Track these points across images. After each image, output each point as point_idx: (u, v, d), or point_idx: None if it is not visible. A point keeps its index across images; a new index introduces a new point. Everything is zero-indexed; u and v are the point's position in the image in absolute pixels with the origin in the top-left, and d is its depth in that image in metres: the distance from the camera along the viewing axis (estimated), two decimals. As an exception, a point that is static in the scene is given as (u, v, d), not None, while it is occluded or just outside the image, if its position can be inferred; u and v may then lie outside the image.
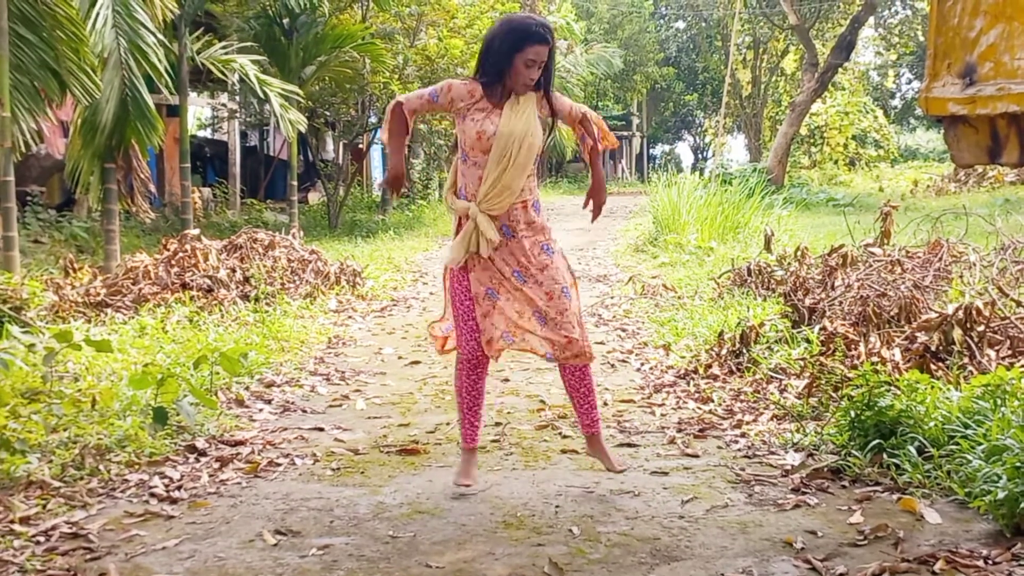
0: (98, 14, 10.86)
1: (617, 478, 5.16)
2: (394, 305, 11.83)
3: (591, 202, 5.12)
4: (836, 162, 40.72)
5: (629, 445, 5.86)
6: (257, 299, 10.55)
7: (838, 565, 3.94)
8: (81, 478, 5.08)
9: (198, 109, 29.31)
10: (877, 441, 5.17)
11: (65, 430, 5.64)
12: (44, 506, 4.67)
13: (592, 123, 5.06)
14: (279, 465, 5.49)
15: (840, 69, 34.64)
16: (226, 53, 15.78)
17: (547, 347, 4.77)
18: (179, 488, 5.02)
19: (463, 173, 4.84)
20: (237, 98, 22.95)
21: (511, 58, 4.68)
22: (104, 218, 12.33)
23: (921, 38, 38.13)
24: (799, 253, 9.85)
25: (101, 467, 5.21)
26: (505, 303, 4.80)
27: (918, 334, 6.51)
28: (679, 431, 6.12)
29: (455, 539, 4.32)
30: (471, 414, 5.05)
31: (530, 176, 4.83)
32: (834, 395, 6.19)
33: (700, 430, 6.12)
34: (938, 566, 3.84)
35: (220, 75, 16.44)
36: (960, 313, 6.36)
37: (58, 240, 15.01)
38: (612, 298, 12.00)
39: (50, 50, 8.91)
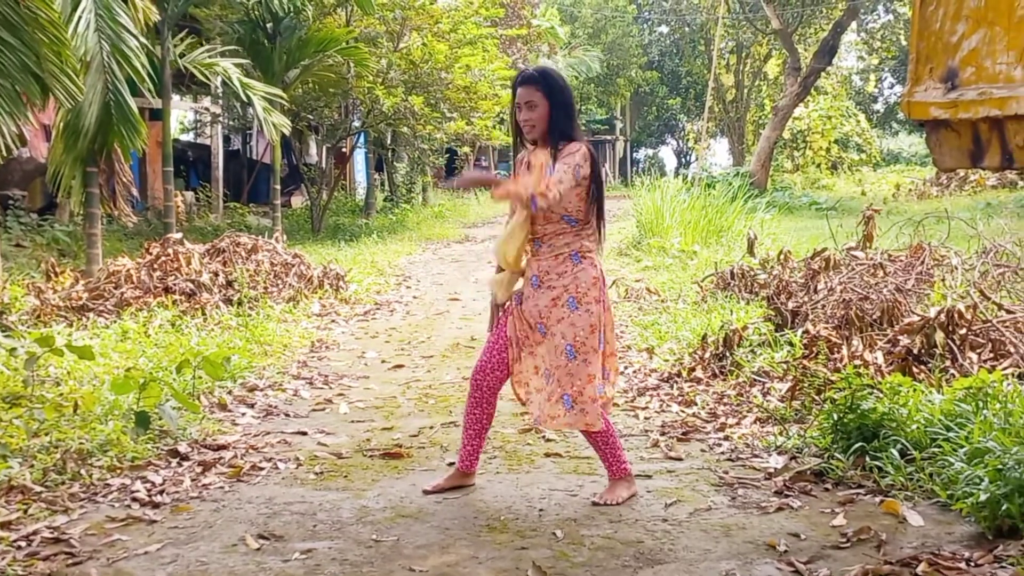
0: (80, 17, 10.81)
1: (601, 481, 5.16)
2: (377, 309, 11.81)
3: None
4: (819, 166, 40.83)
5: (613, 448, 5.86)
6: (240, 303, 10.52)
7: (821, 568, 3.95)
8: (63, 483, 5.05)
9: (181, 113, 29.24)
10: (860, 444, 5.19)
11: (47, 434, 5.62)
12: (25, 511, 4.65)
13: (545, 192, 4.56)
14: (262, 469, 5.47)
15: (823, 73, 34.75)
16: (209, 57, 15.73)
17: (539, 411, 4.78)
18: (161, 492, 5.00)
19: None
20: (220, 102, 22.90)
21: (513, 113, 4.82)
22: (86, 222, 12.28)
23: (903, 42, 38.26)
24: (782, 257, 9.88)
25: (83, 471, 5.18)
26: (528, 357, 4.82)
27: (900, 337, 6.53)
28: (662, 434, 6.12)
29: (438, 543, 4.32)
30: (473, 433, 5.02)
31: (562, 234, 4.73)
32: (817, 398, 6.20)
33: (683, 433, 6.12)
34: (921, 568, 3.85)
35: (203, 79, 16.40)
36: (942, 316, 6.38)
37: (40, 244, 14.94)
38: (596, 302, 11.98)
39: (32, 54, 8.85)
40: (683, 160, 60.48)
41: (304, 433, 6.29)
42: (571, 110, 4.81)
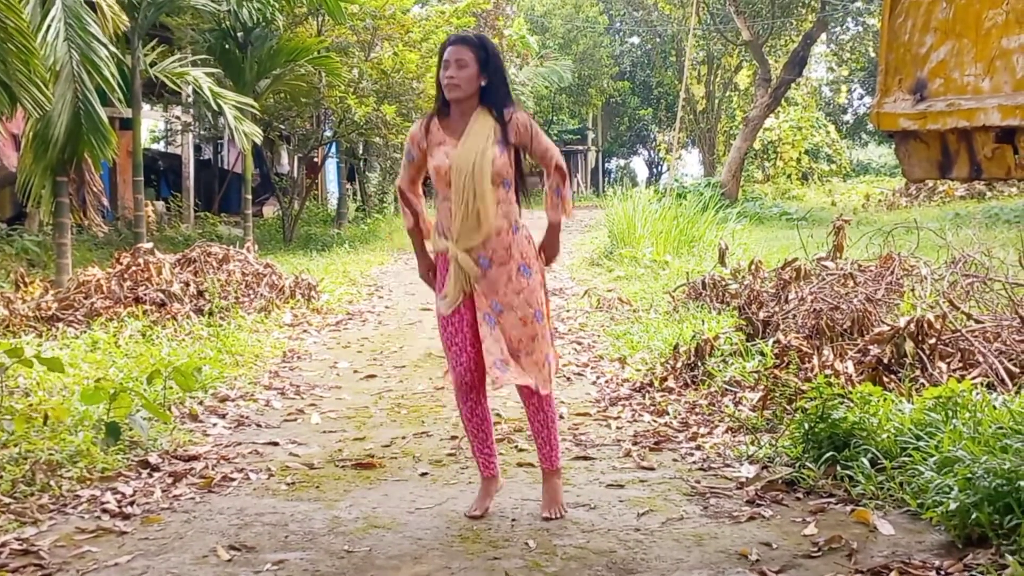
0: (50, 26, 10.75)
1: (573, 491, 5.17)
2: (349, 319, 11.79)
3: (543, 253, 4.94)
4: (789, 176, 41.01)
5: (585, 458, 5.87)
6: (211, 313, 10.48)
7: (793, 577, 3.97)
8: (32, 494, 5.02)
9: (152, 122, 29.10)
10: (831, 453, 5.21)
11: (16, 445, 5.58)
12: (-6, 523, 4.61)
13: (566, 184, 4.86)
14: (233, 480, 5.45)
15: (793, 84, 34.91)
16: (180, 66, 15.67)
17: (526, 376, 4.70)
18: (132, 504, 4.98)
19: (439, 209, 4.79)
20: (191, 111, 22.79)
21: (439, 74, 4.72)
22: (56, 232, 12.19)
23: (872, 54, 38.47)
24: (753, 267, 9.91)
25: (52, 483, 5.15)
26: (487, 337, 4.70)
27: (871, 347, 6.57)
28: (635, 444, 6.13)
29: (411, 553, 4.31)
30: (478, 441, 4.91)
31: (501, 202, 4.69)
32: (788, 408, 6.23)
33: (656, 443, 6.14)
34: (891, 577, 3.87)
35: (174, 88, 16.32)
36: (912, 326, 6.42)
37: (9, 254, 14.83)
38: (568, 311, 12.02)
39: (-1, 62, 8.80)
40: (655, 170, 60.63)
41: (276, 444, 6.26)
42: (506, 77, 4.80)
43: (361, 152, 27.41)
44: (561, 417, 6.88)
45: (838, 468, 5.12)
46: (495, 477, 4.98)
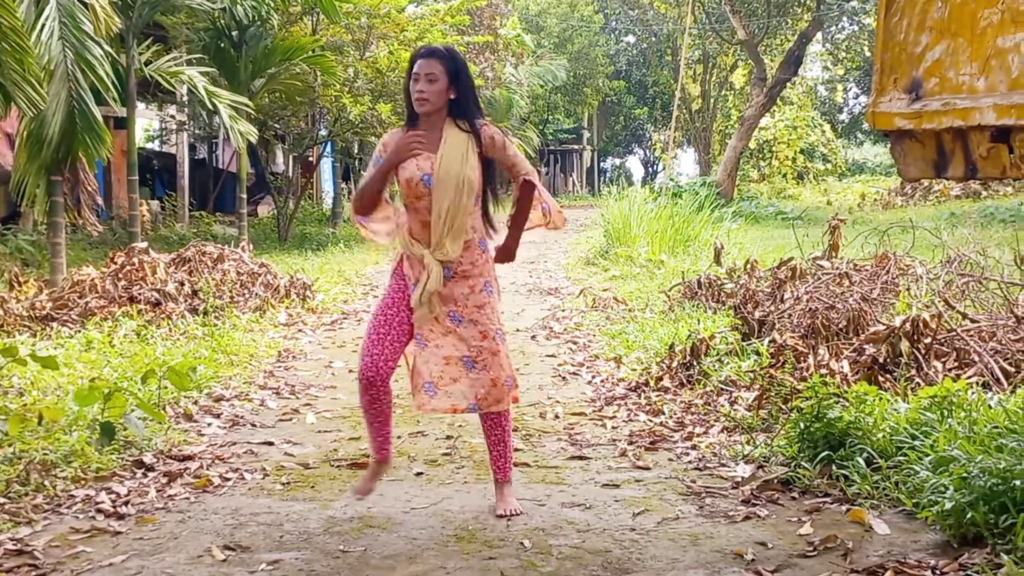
0: (44, 25, 10.74)
1: (568, 491, 5.17)
2: (344, 318, 11.77)
3: (496, 252, 4.98)
4: (785, 176, 41.02)
5: (580, 458, 5.87)
6: (206, 313, 10.46)
7: (788, 576, 3.97)
8: (26, 494, 5.00)
9: (146, 121, 29.07)
10: (826, 453, 5.21)
11: (10, 445, 5.56)
12: (-12, 523, 4.60)
13: (537, 197, 4.89)
14: (228, 480, 5.44)
15: (788, 84, 34.94)
16: (175, 65, 15.65)
17: (470, 397, 4.70)
18: (126, 504, 4.97)
19: (408, 218, 4.78)
20: (186, 110, 22.75)
21: (408, 86, 4.69)
22: (50, 231, 12.17)
23: (868, 53, 38.50)
24: (749, 266, 9.92)
25: (47, 483, 5.14)
26: (433, 351, 4.72)
27: (866, 346, 6.57)
28: (630, 443, 6.13)
29: (406, 553, 4.31)
30: (377, 426, 4.86)
31: (471, 214, 4.71)
32: (784, 407, 6.23)
33: (651, 442, 6.13)
34: (887, 576, 3.87)
35: (169, 87, 16.32)
36: (907, 325, 6.42)
37: (3, 253, 14.79)
38: (563, 311, 12.01)
39: (-7, 61, 8.79)
40: (650, 170, 60.64)
41: (271, 443, 6.25)
42: (475, 89, 4.80)
43: (356, 151, 27.37)
44: (556, 417, 6.89)
45: (834, 467, 5.12)
46: (387, 461, 4.99)
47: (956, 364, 6.31)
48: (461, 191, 4.60)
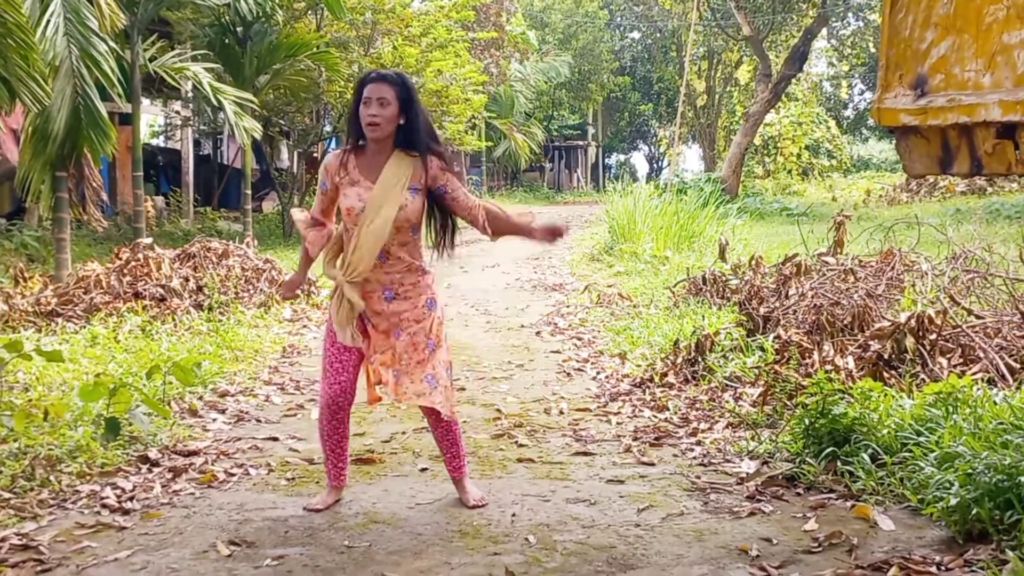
0: (49, 21, 10.74)
1: (573, 486, 5.17)
2: (349, 314, 11.75)
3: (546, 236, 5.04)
4: (790, 172, 41.03)
5: (585, 454, 5.87)
6: (211, 308, 10.47)
7: (793, 572, 3.97)
8: (31, 489, 5.01)
9: (151, 117, 29.07)
10: (831, 449, 5.21)
11: (15, 441, 5.57)
12: (-7, 518, 4.61)
13: (500, 217, 4.87)
14: (233, 475, 5.44)
15: (793, 80, 34.93)
16: (179, 61, 15.65)
17: (393, 389, 4.76)
18: (131, 499, 4.97)
19: (344, 239, 4.80)
20: (191, 106, 22.77)
21: (357, 109, 4.65)
22: (55, 227, 12.18)
23: (873, 49, 38.45)
24: (753, 262, 9.92)
25: (52, 478, 5.14)
26: (376, 357, 4.77)
27: (871, 342, 6.57)
28: (635, 439, 6.13)
29: (411, 548, 4.31)
30: (335, 455, 4.93)
31: (408, 244, 4.72)
32: (788, 403, 6.22)
33: (656, 438, 6.13)
34: (891, 572, 3.87)
35: (173, 83, 16.31)
36: (912, 322, 6.42)
37: (8, 249, 14.81)
38: (568, 307, 12.02)
39: (-2, 57, 8.79)
40: (655, 166, 60.61)
41: (275, 439, 6.26)
42: (426, 116, 4.77)
43: (361, 147, 27.37)
44: (561, 413, 6.90)
45: (838, 464, 5.12)
46: (342, 487, 5.04)
47: (961, 360, 6.31)
48: (387, 222, 4.59)
